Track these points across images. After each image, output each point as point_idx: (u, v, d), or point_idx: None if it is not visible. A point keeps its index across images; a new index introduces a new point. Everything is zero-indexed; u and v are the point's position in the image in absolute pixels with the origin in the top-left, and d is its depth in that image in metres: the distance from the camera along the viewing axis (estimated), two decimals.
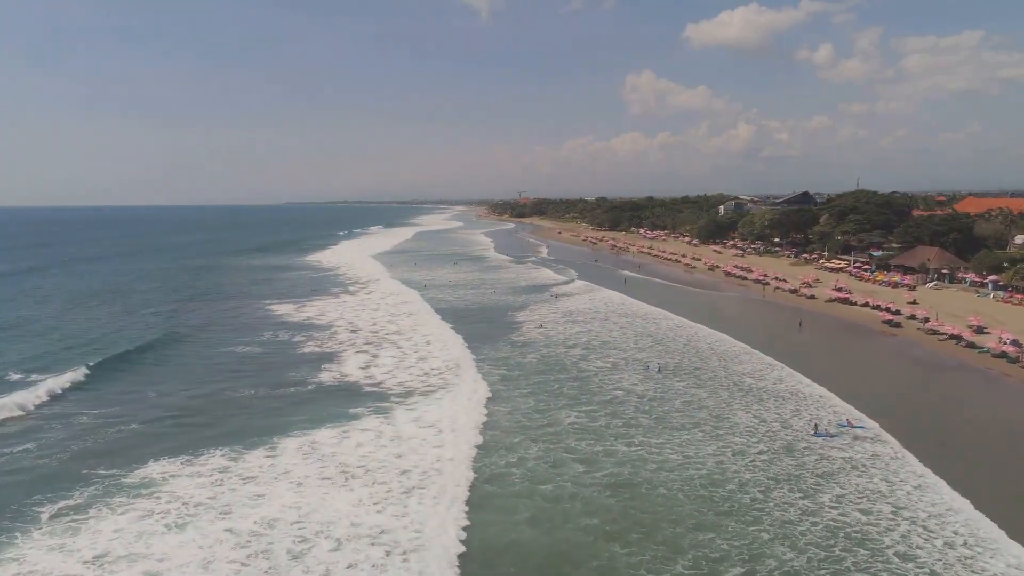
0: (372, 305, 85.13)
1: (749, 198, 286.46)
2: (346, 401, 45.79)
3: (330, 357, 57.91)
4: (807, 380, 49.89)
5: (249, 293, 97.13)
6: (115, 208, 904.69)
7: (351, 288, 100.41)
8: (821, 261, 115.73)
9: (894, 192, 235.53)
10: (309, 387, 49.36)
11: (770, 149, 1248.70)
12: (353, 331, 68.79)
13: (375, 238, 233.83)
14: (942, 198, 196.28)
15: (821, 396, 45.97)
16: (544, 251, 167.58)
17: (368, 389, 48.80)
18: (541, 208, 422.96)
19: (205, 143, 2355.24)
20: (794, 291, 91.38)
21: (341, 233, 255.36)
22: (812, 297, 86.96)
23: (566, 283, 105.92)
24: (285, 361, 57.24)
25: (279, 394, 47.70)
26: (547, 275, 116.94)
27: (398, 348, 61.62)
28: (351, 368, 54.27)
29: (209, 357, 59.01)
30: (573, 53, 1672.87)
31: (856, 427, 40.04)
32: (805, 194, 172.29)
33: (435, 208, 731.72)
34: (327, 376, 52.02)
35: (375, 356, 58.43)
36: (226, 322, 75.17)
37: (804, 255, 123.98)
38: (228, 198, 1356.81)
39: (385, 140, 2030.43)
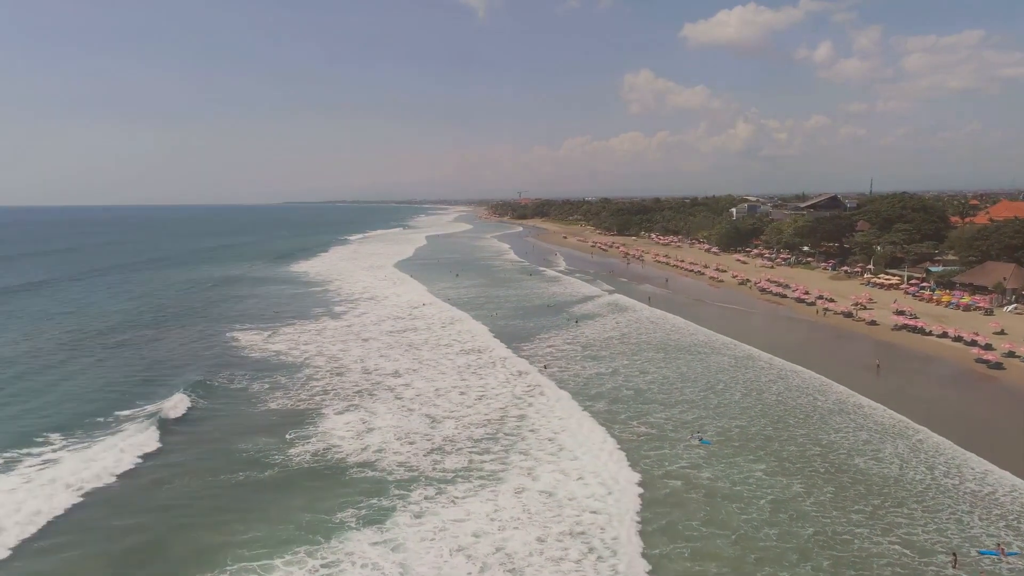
0: (364, 332, 72.88)
1: (756, 198, 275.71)
2: (323, 498, 33.72)
3: (302, 417, 45.62)
4: (940, 458, 37.75)
5: (223, 316, 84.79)
6: (113, 208, 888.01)
7: (336, 310, 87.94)
8: (866, 276, 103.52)
9: (904, 192, 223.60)
10: (268, 472, 37.11)
11: (769, 148, 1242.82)
12: (337, 373, 56.57)
13: (374, 244, 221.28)
14: (975, 201, 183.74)
15: (975, 491, 33.74)
16: (560, 261, 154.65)
17: (356, 473, 36.68)
18: (543, 209, 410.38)
19: (204, 143, 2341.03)
20: (848, 315, 79.18)
21: (348, 238, 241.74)
22: (873, 323, 74.79)
23: (583, 301, 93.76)
24: (240, 424, 44.86)
25: (223, 486, 35.45)
26: (563, 291, 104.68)
27: (398, 399, 49.59)
28: (334, 437, 41.96)
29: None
30: (571, 52, 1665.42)
31: (1009, 554, 27.95)
32: (834, 198, 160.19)
33: (435, 208, 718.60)
34: (298, 451, 39.75)
35: (371, 413, 46.33)
36: (181, 357, 62.95)
37: (844, 268, 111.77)
38: (227, 198, 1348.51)
39: (384, 140, 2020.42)
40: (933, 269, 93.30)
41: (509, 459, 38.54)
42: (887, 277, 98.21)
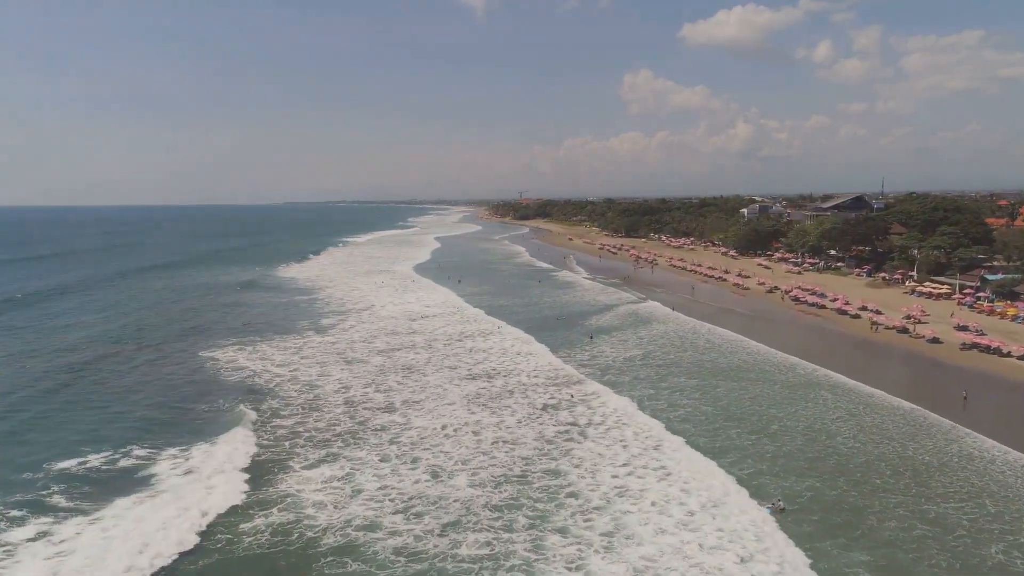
0: (347, 353, 63.45)
1: (760, 198, 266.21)
2: None
3: (260, 473, 36.25)
4: None
5: (200, 333, 75.49)
6: (110, 210, 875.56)
7: (322, 323, 78.34)
8: (909, 284, 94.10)
9: (912, 193, 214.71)
10: (203, 563, 27.75)
11: (769, 148, 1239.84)
12: (313, 408, 47.14)
13: (383, 247, 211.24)
14: (1004, 202, 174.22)
15: None
16: (569, 265, 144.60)
17: (332, 567, 27.32)
18: (545, 210, 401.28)
19: (205, 143, 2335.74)
20: (903, 330, 69.75)
21: (355, 240, 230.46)
22: (935, 340, 65.40)
23: (599, 312, 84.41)
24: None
25: None
26: (576, 299, 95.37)
27: (393, 444, 40.38)
28: (303, 505, 32.59)
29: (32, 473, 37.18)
30: (570, 52, 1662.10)
31: None
32: (859, 198, 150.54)
33: (436, 209, 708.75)
34: (250, 528, 30.30)
35: (356, 466, 37.02)
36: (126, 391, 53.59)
37: (882, 274, 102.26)
38: (227, 198, 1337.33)
39: (384, 140, 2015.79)
40: (990, 277, 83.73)
41: (545, 541, 29.09)
42: (935, 285, 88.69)
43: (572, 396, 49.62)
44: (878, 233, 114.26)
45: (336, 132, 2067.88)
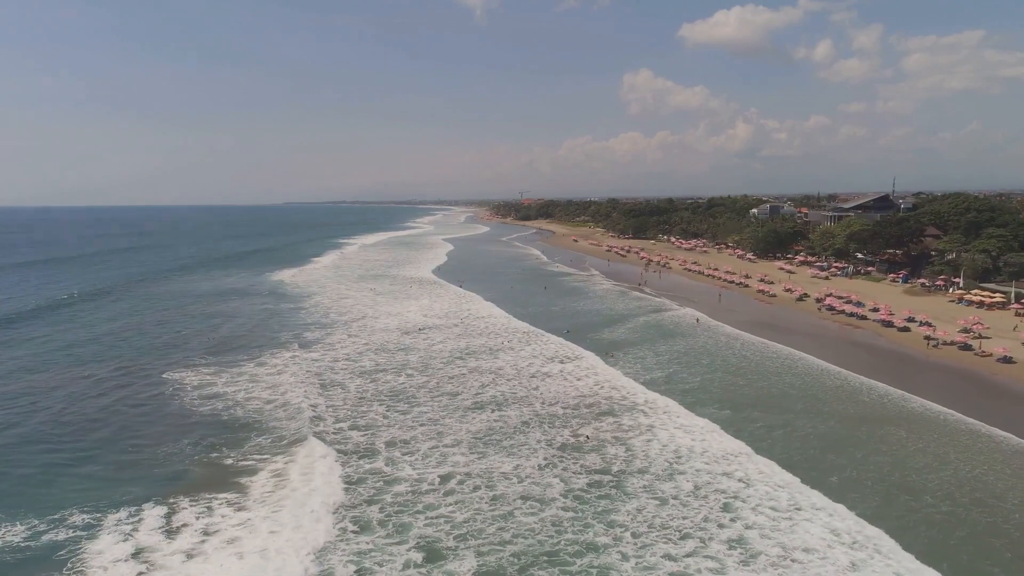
0: (328, 376, 55.35)
1: (768, 199, 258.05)
2: None
3: (204, 546, 28.12)
4: None
5: (175, 348, 67.44)
6: (109, 210, 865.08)
7: (308, 337, 70.09)
8: (954, 291, 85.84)
9: (920, 193, 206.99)
10: None
11: (769, 148, 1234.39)
12: (292, 441, 38.93)
13: (392, 249, 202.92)
14: None
15: None
16: (576, 269, 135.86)
17: None
18: (547, 210, 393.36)
19: (205, 143, 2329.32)
20: (965, 347, 61.54)
21: (364, 242, 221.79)
22: (1008, 360, 57.13)
23: (613, 324, 76.35)
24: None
25: None
26: (588, 307, 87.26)
27: (373, 505, 32.32)
28: None
29: None
30: (570, 52, 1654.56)
31: None
32: (884, 197, 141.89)
33: (437, 209, 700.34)
34: None
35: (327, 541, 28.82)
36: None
37: (920, 280, 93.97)
38: (227, 198, 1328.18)
39: (384, 140, 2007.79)
40: None
41: None
42: (985, 294, 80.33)
43: (587, 438, 41.23)
44: (912, 235, 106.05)
45: (336, 132, 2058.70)
